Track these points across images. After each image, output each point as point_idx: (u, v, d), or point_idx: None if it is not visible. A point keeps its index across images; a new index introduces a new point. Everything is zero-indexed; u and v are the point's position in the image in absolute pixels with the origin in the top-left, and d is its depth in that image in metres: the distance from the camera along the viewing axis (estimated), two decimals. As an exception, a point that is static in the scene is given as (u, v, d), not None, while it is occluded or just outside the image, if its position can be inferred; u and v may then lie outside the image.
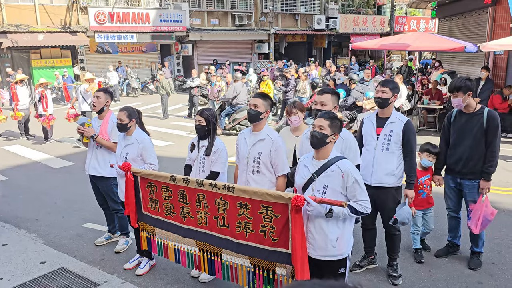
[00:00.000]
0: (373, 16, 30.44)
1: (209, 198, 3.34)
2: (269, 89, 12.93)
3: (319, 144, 2.94)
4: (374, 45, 13.82)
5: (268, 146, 3.60)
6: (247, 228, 3.12)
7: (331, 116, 2.98)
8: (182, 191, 3.54)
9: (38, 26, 19.55)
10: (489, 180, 4.17)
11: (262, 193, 2.98)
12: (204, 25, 24.35)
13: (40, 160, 9.21)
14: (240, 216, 3.14)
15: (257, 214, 3.03)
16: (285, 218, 2.89)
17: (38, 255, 4.75)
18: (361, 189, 2.90)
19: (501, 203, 6.05)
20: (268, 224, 2.99)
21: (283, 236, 2.94)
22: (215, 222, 3.34)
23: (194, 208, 3.48)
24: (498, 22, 12.42)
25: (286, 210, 2.87)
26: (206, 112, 4.06)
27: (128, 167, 3.95)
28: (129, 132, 4.32)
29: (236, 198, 3.14)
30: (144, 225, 4.06)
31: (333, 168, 2.92)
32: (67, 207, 6.38)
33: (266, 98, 3.72)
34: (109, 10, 20.53)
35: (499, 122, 4.10)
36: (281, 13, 26.98)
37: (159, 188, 3.74)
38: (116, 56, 22.65)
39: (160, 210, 3.80)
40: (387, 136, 3.96)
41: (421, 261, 4.54)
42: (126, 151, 4.28)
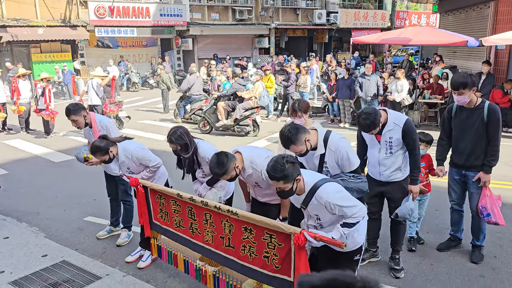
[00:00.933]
0: (374, 10, 30.32)
1: (215, 218, 3.33)
2: (271, 83, 12.89)
3: (290, 195, 2.94)
4: (375, 39, 13.76)
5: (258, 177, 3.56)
6: (251, 252, 3.12)
7: (277, 176, 2.79)
8: (190, 208, 3.54)
9: (38, 20, 19.48)
10: (489, 173, 4.16)
11: (264, 222, 2.96)
12: (204, 20, 24.26)
13: (41, 154, 9.20)
14: (245, 239, 3.14)
15: (261, 240, 3.03)
16: (288, 248, 2.88)
17: (39, 249, 4.75)
18: (347, 207, 2.84)
19: (502, 197, 6.02)
20: (272, 251, 2.99)
21: (285, 264, 2.94)
22: (221, 242, 3.34)
23: (201, 226, 3.48)
24: (500, 17, 12.35)
25: (289, 239, 2.85)
26: (172, 137, 3.87)
27: (136, 182, 3.94)
28: (117, 157, 4.29)
29: (241, 222, 3.13)
30: (154, 233, 4.08)
31: (313, 201, 2.91)
32: (68, 201, 6.37)
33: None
34: (109, 4, 20.45)
35: (500, 116, 4.08)
36: (282, 8, 26.87)
37: (168, 201, 3.75)
38: (116, 51, 22.59)
39: (170, 222, 3.81)
40: (388, 143, 3.91)
41: (412, 249, 4.59)
42: (125, 167, 4.31)
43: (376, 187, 4.10)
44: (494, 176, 4.77)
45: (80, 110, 4.69)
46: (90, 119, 4.79)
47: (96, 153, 4.15)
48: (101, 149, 4.13)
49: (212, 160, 3.35)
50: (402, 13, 30.91)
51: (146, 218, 4.03)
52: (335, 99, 11.74)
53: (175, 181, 4.61)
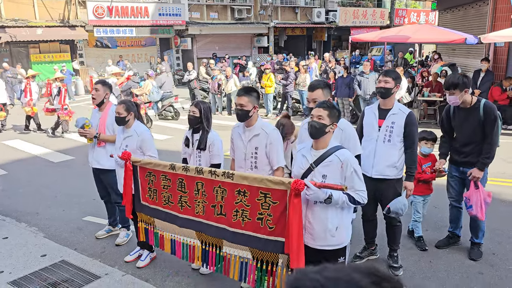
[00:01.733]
0: (373, 8, 30.31)
1: (208, 186, 3.34)
2: (271, 82, 12.91)
3: (318, 134, 2.92)
4: (374, 37, 13.76)
5: (264, 140, 3.57)
6: (244, 216, 3.12)
7: (329, 105, 2.97)
8: (180, 180, 3.53)
9: (37, 21, 19.46)
10: (483, 170, 4.17)
11: (261, 178, 2.98)
12: (203, 19, 24.24)
13: (40, 154, 9.20)
14: (237, 203, 3.14)
15: (255, 201, 3.02)
16: (283, 205, 2.88)
17: (38, 248, 4.75)
18: (359, 179, 2.91)
19: (501, 194, 6.05)
20: (266, 211, 2.99)
21: (280, 225, 2.93)
22: (212, 211, 3.34)
23: (192, 197, 3.48)
24: (498, 14, 12.35)
25: (284, 196, 2.86)
26: (201, 104, 4.04)
27: (128, 156, 3.93)
28: (128, 125, 4.31)
29: (235, 185, 3.13)
30: (142, 216, 4.05)
31: (331, 158, 2.91)
32: (67, 201, 6.38)
33: (251, 93, 3.61)
34: (107, 4, 20.43)
35: (496, 114, 4.09)
36: (281, 6, 26.85)
37: (158, 177, 3.74)
38: (115, 50, 22.56)
39: (158, 200, 3.80)
40: (389, 128, 3.92)
41: (425, 249, 4.57)
42: (126, 143, 4.27)
43: (368, 184, 4.03)
44: (492, 173, 4.80)
45: (107, 86, 4.81)
46: (106, 103, 4.80)
47: (122, 103, 4.26)
48: (127, 105, 4.25)
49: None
50: (401, 11, 30.89)
51: (129, 198, 4.01)
52: (334, 98, 11.75)
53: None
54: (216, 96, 13.88)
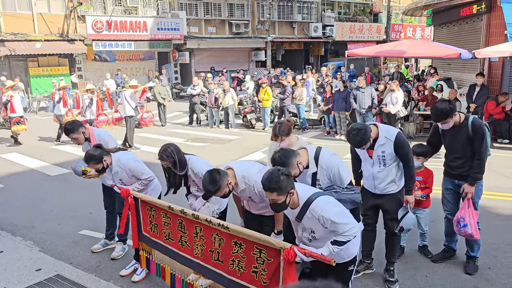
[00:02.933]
0: (370, 24, 30.66)
1: (206, 231, 3.34)
2: (268, 96, 12.99)
3: (283, 208, 2.97)
4: (370, 52, 13.89)
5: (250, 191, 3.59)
6: (240, 266, 3.12)
7: (272, 187, 2.83)
8: (180, 221, 3.54)
9: (36, 35, 19.61)
10: (474, 185, 4.21)
11: (255, 237, 2.97)
12: (201, 33, 24.47)
13: (37, 167, 9.19)
14: (234, 254, 3.14)
15: (250, 255, 3.03)
16: (277, 263, 2.88)
17: (33, 263, 4.73)
18: (340, 224, 2.86)
19: (496, 208, 6.07)
20: (260, 266, 2.99)
21: (273, 280, 2.94)
22: (210, 256, 3.34)
23: (191, 239, 3.48)
24: (492, 29, 12.52)
25: (278, 255, 2.86)
26: (163, 155, 3.89)
27: (127, 193, 3.95)
28: (110, 166, 4.33)
29: (232, 236, 3.13)
30: (143, 245, 4.07)
31: (308, 215, 2.95)
32: (63, 215, 6.36)
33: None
34: (106, 18, 20.63)
35: (484, 130, 4.15)
36: (278, 21, 27.15)
37: (158, 213, 3.76)
38: (114, 64, 22.70)
39: (159, 234, 3.81)
40: (381, 157, 3.93)
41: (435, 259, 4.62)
42: (118, 178, 4.33)
43: (371, 199, 4.13)
44: (488, 187, 4.83)
45: (78, 127, 4.75)
46: (89, 134, 4.84)
47: (90, 161, 4.18)
48: (95, 158, 4.17)
49: (204, 177, 3.36)
50: (397, 26, 31.25)
51: (135, 230, 4.02)
52: (331, 111, 11.83)
53: (167, 196, 4.60)
54: (213, 110, 13.95)
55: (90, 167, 4.25)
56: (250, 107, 14.16)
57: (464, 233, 4.24)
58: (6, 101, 11.30)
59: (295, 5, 27.73)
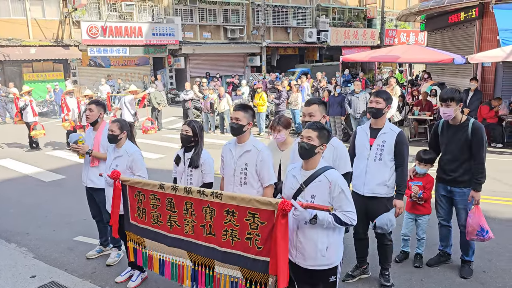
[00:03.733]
0: (364, 29, 30.86)
1: (197, 205, 3.35)
2: (263, 101, 13.02)
3: (308, 155, 2.97)
4: (364, 57, 14.00)
5: (254, 156, 3.63)
6: (233, 236, 3.12)
7: (318, 127, 3.02)
8: (170, 199, 3.53)
9: (31, 40, 19.58)
10: (479, 191, 4.22)
11: (249, 199, 2.99)
12: (196, 39, 24.53)
13: (31, 173, 9.15)
14: (226, 223, 3.14)
15: (243, 221, 3.03)
16: (271, 225, 2.89)
17: (28, 269, 4.70)
18: (347, 200, 2.90)
19: (490, 212, 6.11)
20: (254, 231, 3.00)
21: (267, 245, 2.94)
22: (202, 231, 3.34)
23: (181, 217, 3.48)
24: (485, 35, 12.66)
25: (272, 217, 2.87)
26: (193, 123, 4.08)
27: (117, 175, 3.89)
28: (119, 144, 4.33)
29: (224, 205, 3.14)
30: (131, 235, 4.00)
31: (321, 178, 2.94)
32: (58, 221, 6.33)
33: (247, 110, 3.74)
34: (101, 24, 20.63)
35: (483, 134, 4.17)
36: (273, 27, 27.27)
37: (147, 196, 3.73)
38: (109, 70, 22.68)
39: (147, 219, 3.78)
40: (380, 147, 3.99)
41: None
42: (116, 163, 4.28)
43: (359, 202, 4.06)
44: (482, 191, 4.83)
45: (101, 106, 4.86)
46: (100, 122, 4.85)
47: (116, 121, 4.32)
48: (121, 124, 4.32)
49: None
50: (391, 31, 31.47)
51: (116, 218, 3.98)
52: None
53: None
54: (208, 115, 13.96)
55: (110, 127, 4.27)
56: (246, 112, 14.16)
57: (488, 238, 4.23)
58: (25, 105, 11.28)
59: (290, 10, 27.88)
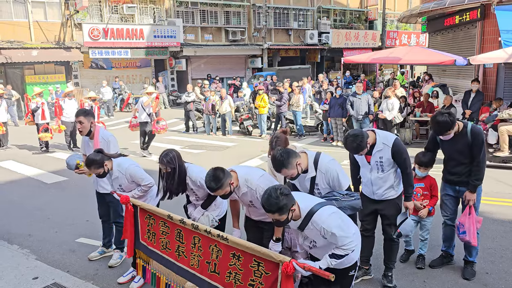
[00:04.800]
0: (365, 31, 30.85)
1: (204, 242, 3.33)
2: (264, 103, 13.02)
3: (283, 224, 3.01)
4: (366, 59, 13.99)
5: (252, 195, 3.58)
6: (236, 279, 3.10)
7: (276, 209, 2.85)
8: (179, 230, 3.53)
9: (32, 42, 19.62)
10: (475, 192, 4.24)
11: (254, 249, 2.96)
12: (198, 41, 24.55)
13: (33, 175, 9.16)
14: (231, 266, 3.13)
15: (248, 267, 3.02)
16: (275, 277, 2.87)
17: (30, 271, 4.70)
18: (340, 237, 2.89)
19: (493, 213, 6.10)
20: (258, 279, 2.97)
21: None
22: (207, 267, 3.32)
23: (188, 249, 3.46)
24: (486, 36, 12.65)
25: (276, 269, 2.85)
26: (164, 159, 3.87)
27: (127, 200, 3.91)
28: (111, 172, 4.32)
29: (230, 248, 3.12)
30: (141, 253, 4.04)
31: (310, 226, 2.98)
32: (60, 222, 6.33)
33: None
34: (103, 26, 20.67)
35: (483, 138, 4.22)
36: (274, 29, 27.28)
37: (157, 222, 3.73)
38: (110, 72, 22.72)
39: (156, 244, 3.78)
40: (379, 162, 3.96)
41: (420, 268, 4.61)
42: (117, 183, 4.31)
43: (370, 205, 4.15)
44: (485, 192, 4.83)
45: (90, 115, 4.76)
46: (94, 130, 4.78)
47: (91, 166, 4.16)
48: (97, 162, 4.16)
49: (208, 174, 3.36)
50: (392, 33, 31.45)
51: (131, 237, 3.99)
52: (328, 118, 11.89)
53: (166, 204, 4.57)
54: (210, 117, 13.97)
55: (91, 172, 4.23)
56: (247, 114, 14.20)
57: (463, 239, 4.29)
58: (36, 107, 11.37)
59: (291, 12, 27.89)
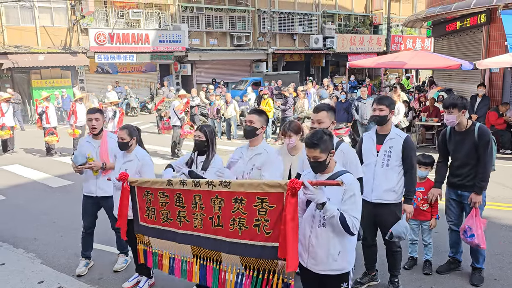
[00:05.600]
0: (370, 35, 30.86)
1: (205, 197, 3.34)
2: (269, 107, 13.03)
3: (322, 169, 2.97)
4: (371, 63, 13.98)
5: (263, 159, 3.69)
6: (241, 224, 3.10)
7: (319, 142, 2.89)
8: (178, 195, 3.54)
9: (39, 47, 19.79)
10: (480, 194, 4.21)
11: (258, 183, 2.98)
12: (203, 45, 24.66)
13: (39, 179, 9.19)
14: (234, 212, 3.13)
15: (251, 208, 3.02)
16: (280, 208, 2.87)
17: (36, 275, 4.71)
18: (356, 205, 2.87)
19: (500, 219, 6.04)
20: (263, 217, 2.98)
21: (276, 229, 2.90)
22: (210, 223, 3.33)
23: (190, 211, 3.48)
24: (492, 41, 12.61)
25: (281, 199, 2.85)
26: (205, 128, 4.09)
27: (125, 176, 3.86)
28: (130, 150, 4.34)
29: (232, 193, 3.13)
30: (141, 237, 3.98)
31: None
32: (65, 226, 6.34)
33: (262, 114, 3.81)
34: (109, 31, 20.82)
35: (490, 138, 4.16)
36: (279, 33, 27.35)
37: (155, 195, 3.73)
38: (116, 76, 22.85)
39: (157, 219, 3.77)
40: (387, 153, 3.97)
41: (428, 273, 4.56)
42: (125, 167, 4.26)
43: (367, 210, 3.99)
44: (491, 198, 4.80)
45: (103, 113, 4.89)
46: (103, 130, 4.86)
47: (125, 128, 4.29)
48: (130, 130, 4.29)
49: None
50: (397, 37, 31.44)
51: (125, 220, 3.95)
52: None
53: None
54: (215, 121, 13.99)
55: (120, 134, 4.25)
56: (252, 118, 14.18)
57: (471, 242, 4.22)
58: (42, 111, 11.55)
59: (296, 17, 27.97)
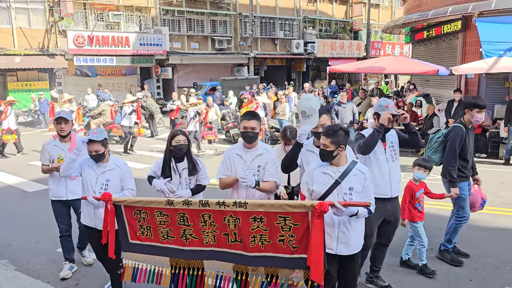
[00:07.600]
0: (350, 41, 31.26)
1: (217, 216, 3.20)
2: (249, 111, 13.04)
3: (328, 158, 3.13)
4: (351, 68, 14.17)
5: (266, 158, 3.78)
6: (263, 240, 3.03)
7: (332, 133, 3.10)
8: (182, 214, 3.35)
9: (15, 49, 19.37)
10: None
11: (280, 204, 2.93)
12: (184, 49, 24.56)
13: (14, 183, 8.97)
14: (254, 230, 3.04)
15: (273, 225, 2.96)
16: (306, 225, 2.87)
17: (9, 282, 4.58)
18: (371, 189, 3.20)
19: (475, 221, 6.14)
20: (287, 233, 2.94)
21: (303, 243, 2.90)
22: (225, 239, 3.20)
23: (198, 229, 3.31)
24: (468, 47, 12.92)
25: (306, 217, 2.84)
26: (183, 132, 4.07)
27: (109, 197, 3.62)
28: (106, 159, 4.11)
29: (249, 213, 3.04)
30: (132, 255, 3.74)
31: (355, 172, 3.14)
32: (41, 232, 6.19)
33: (258, 118, 3.88)
34: (88, 33, 20.54)
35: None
36: (260, 38, 27.46)
37: (150, 214, 3.49)
38: (95, 79, 22.52)
39: (154, 236, 3.55)
40: (392, 148, 4.14)
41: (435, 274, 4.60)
42: (105, 178, 4.01)
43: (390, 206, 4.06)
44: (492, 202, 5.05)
45: (70, 121, 4.76)
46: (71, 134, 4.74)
47: (98, 142, 3.94)
48: (104, 140, 3.99)
49: None
50: (377, 43, 31.92)
51: (112, 238, 3.70)
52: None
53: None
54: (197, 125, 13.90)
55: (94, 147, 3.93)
56: (233, 122, 14.19)
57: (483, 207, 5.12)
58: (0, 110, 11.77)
59: (277, 22, 28.13)
